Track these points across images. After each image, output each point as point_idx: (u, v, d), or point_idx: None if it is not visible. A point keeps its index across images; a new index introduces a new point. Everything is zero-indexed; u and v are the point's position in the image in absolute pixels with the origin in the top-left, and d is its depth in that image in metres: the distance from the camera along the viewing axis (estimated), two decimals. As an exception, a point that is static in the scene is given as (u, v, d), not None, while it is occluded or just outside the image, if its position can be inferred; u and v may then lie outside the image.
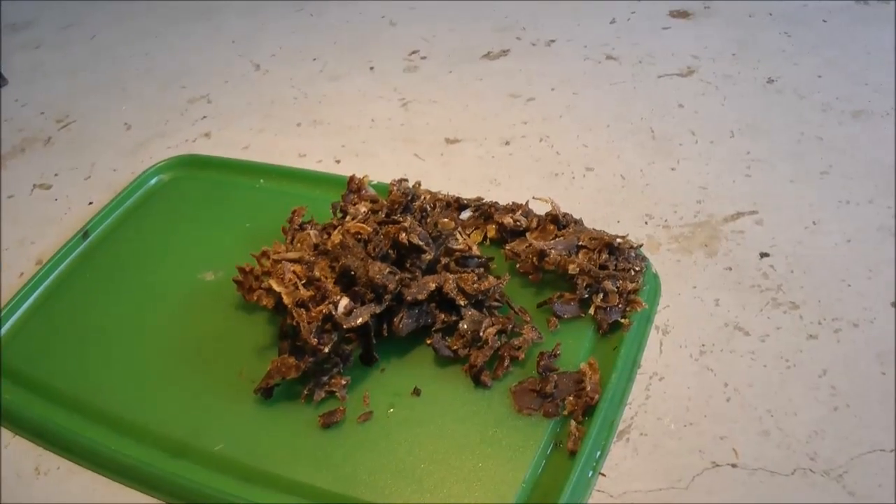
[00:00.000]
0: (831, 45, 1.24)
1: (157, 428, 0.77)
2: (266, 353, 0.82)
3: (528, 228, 0.89)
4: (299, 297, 0.76)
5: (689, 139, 1.08)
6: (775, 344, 0.80)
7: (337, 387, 0.77)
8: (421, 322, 0.80)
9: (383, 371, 0.80)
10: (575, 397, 0.74)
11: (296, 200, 0.94)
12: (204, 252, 0.96)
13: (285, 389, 0.79)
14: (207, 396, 0.79)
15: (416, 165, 1.08)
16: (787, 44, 1.25)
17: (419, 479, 0.70)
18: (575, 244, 0.86)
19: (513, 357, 0.78)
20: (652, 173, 1.02)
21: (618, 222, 0.95)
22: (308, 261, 0.79)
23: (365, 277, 0.76)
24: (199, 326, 0.87)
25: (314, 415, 0.76)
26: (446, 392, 0.77)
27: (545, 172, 1.04)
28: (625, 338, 0.79)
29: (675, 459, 0.72)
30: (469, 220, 0.93)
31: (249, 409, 0.78)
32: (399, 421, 0.75)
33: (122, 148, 1.20)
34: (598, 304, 0.82)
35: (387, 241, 0.79)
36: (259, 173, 1.07)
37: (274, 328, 0.85)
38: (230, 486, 0.72)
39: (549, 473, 0.70)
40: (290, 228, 0.89)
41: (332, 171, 1.07)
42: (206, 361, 0.83)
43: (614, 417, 0.74)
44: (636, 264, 0.85)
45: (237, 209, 1.02)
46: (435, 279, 0.79)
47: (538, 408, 0.74)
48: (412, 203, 0.85)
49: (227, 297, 0.89)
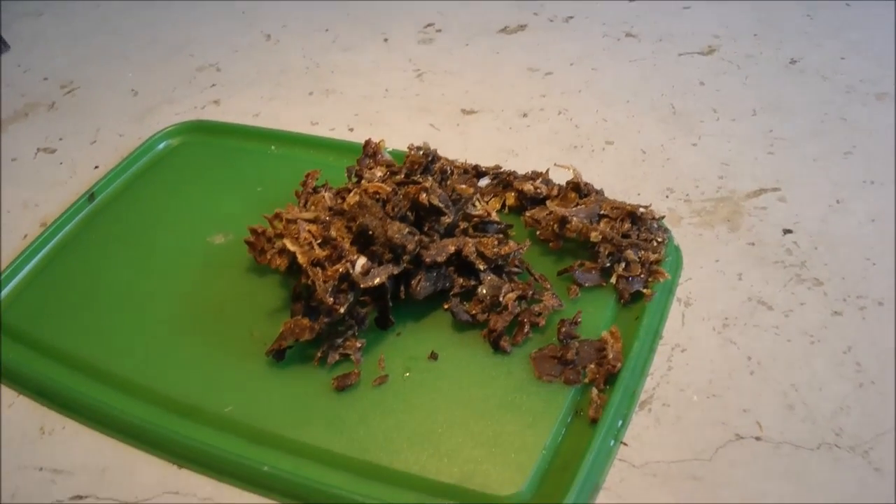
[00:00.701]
0: (854, 28, 1.23)
1: (165, 389, 0.76)
2: (278, 316, 0.81)
3: (548, 196, 0.89)
4: (315, 256, 0.75)
5: (711, 116, 1.07)
6: (799, 319, 0.79)
7: (351, 349, 0.76)
8: (439, 286, 0.79)
9: (399, 335, 0.79)
10: (596, 365, 0.73)
11: (308, 166, 0.92)
12: (213, 215, 0.95)
13: (298, 352, 0.77)
14: (217, 358, 0.78)
15: (431, 135, 1.07)
16: (810, 25, 1.25)
17: (436, 444, 0.69)
18: (597, 213, 0.85)
19: (533, 323, 0.77)
20: (673, 148, 1.02)
21: (638, 195, 0.94)
22: (324, 220, 0.78)
23: (383, 237, 0.75)
24: (209, 288, 0.86)
25: (328, 378, 0.75)
26: (464, 357, 0.76)
27: (564, 145, 1.03)
28: (647, 308, 0.79)
29: (698, 431, 0.71)
30: (487, 188, 0.92)
31: (260, 372, 0.76)
32: (415, 385, 0.74)
33: (129, 114, 1.19)
34: (620, 273, 0.81)
35: (406, 202, 0.78)
36: (270, 139, 1.06)
37: (286, 291, 0.84)
38: (239, 447, 0.71)
39: (569, 441, 0.69)
40: (304, 192, 0.88)
41: (345, 139, 1.06)
42: (216, 323, 0.82)
43: (636, 387, 0.74)
44: (658, 235, 0.84)
45: (248, 174, 1.01)
46: (454, 242, 0.78)
47: (559, 375, 0.73)
48: (432, 164, 0.84)
49: (237, 259, 0.88)
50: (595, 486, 0.67)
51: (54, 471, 0.73)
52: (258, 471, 0.69)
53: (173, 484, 0.71)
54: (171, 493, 0.70)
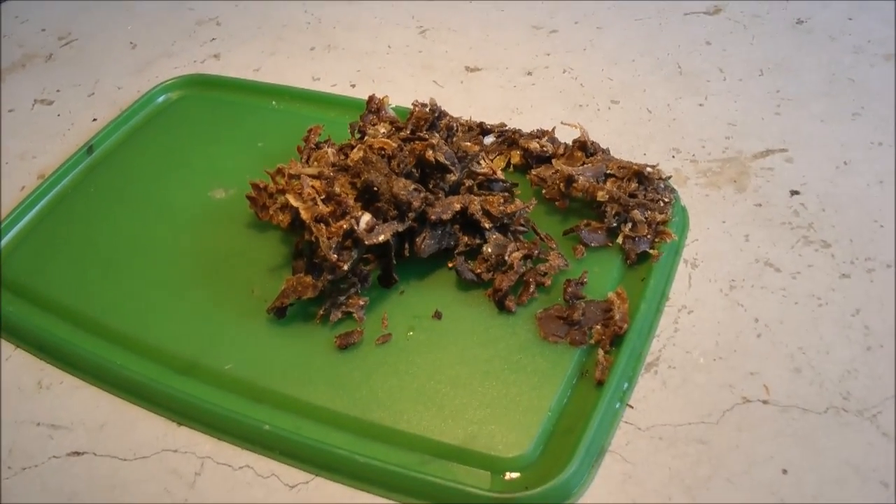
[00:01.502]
0: (863, -12, 1.20)
1: (164, 344, 0.74)
2: (279, 273, 0.79)
3: (554, 155, 0.86)
4: (318, 212, 0.72)
5: (717, 76, 1.04)
6: (807, 282, 0.77)
7: (354, 307, 0.74)
8: (443, 244, 0.77)
9: (402, 293, 0.77)
10: (603, 326, 0.72)
11: (310, 122, 0.90)
12: (214, 170, 0.92)
13: (299, 309, 0.75)
14: (217, 314, 0.76)
15: (435, 92, 1.04)
16: (817, -15, 1.22)
17: (440, 404, 0.67)
18: (603, 172, 0.83)
19: (538, 283, 0.75)
20: (679, 108, 0.99)
21: (644, 154, 0.92)
22: (328, 176, 0.76)
23: (388, 193, 0.73)
24: (209, 244, 0.83)
25: (330, 336, 0.73)
26: (469, 316, 0.74)
27: (569, 103, 1.01)
28: (653, 269, 0.77)
29: (704, 394, 0.69)
30: (492, 146, 0.89)
31: (261, 329, 0.75)
32: (419, 344, 0.72)
33: (127, 66, 1.16)
34: (626, 233, 0.79)
35: (412, 159, 0.76)
36: (271, 94, 1.03)
37: (287, 248, 0.81)
38: (239, 405, 0.69)
39: (575, 402, 0.67)
40: (306, 147, 0.86)
41: (347, 94, 1.04)
42: (216, 279, 0.80)
43: (642, 349, 0.72)
44: (665, 195, 0.82)
45: (248, 129, 0.98)
46: (460, 199, 0.76)
47: (564, 335, 0.72)
48: (438, 121, 0.81)
49: (238, 215, 0.86)
50: (600, 448, 0.65)
51: (52, 426, 0.71)
52: (258, 430, 0.67)
53: (172, 441, 0.69)
54: (170, 450, 0.68)
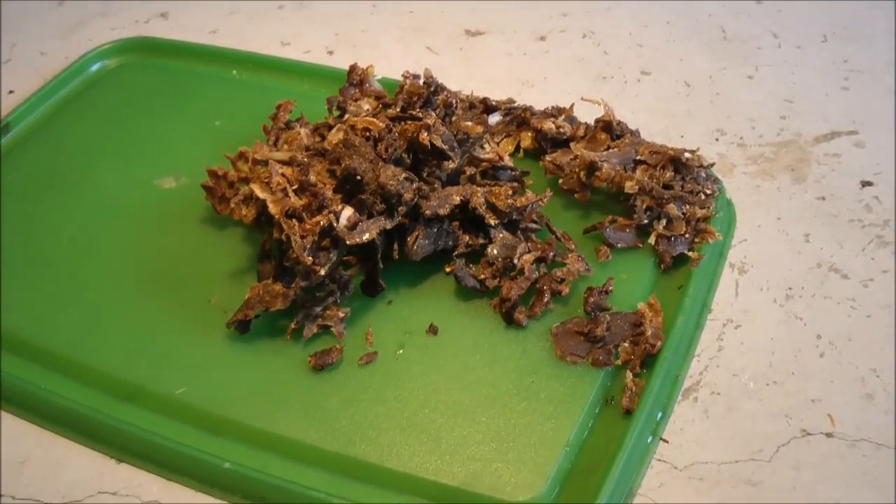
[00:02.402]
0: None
1: (101, 365, 0.75)
2: (241, 279, 0.80)
3: (573, 137, 0.87)
4: (290, 205, 0.73)
5: (771, 42, 1.05)
6: (881, 290, 0.78)
7: (332, 320, 0.75)
8: (440, 244, 0.77)
9: (391, 303, 0.78)
10: (631, 344, 0.73)
11: (279, 96, 0.91)
12: (162, 154, 0.93)
13: (266, 323, 0.76)
14: (167, 329, 0.77)
15: (429, 60, 1.05)
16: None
17: (436, 437, 0.68)
18: (632, 158, 0.84)
19: (554, 292, 0.76)
20: (724, 81, 1.00)
21: (681, 137, 0.93)
22: (301, 162, 0.76)
23: (374, 184, 0.73)
24: (157, 244, 0.84)
25: (303, 354, 0.74)
26: (470, 331, 0.75)
27: (590, 75, 1.02)
28: (692, 275, 0.78)
29: (754, 425, 0.70)
30: (498, 127, 0.90)
31: (220, 346, 0.75)
32: (410, 365, 0.73)
33: (53, 27, 1.17)
34: (660, 231, 0.80)
35: (402, 142, 0.76)
36: (231, 62, 1.05)
37: (251, 248, 0.83)
38: (193, 437, 0.69)
39: (598, 435, 0.68)
40: (275, 127, 0.87)
41: (323, 63, 1.05)
42: (166, 287, 0.81)
43: (679, 371, 0.73)
44: (707, 187, 0.83)
45: (204, 104, 0.99)
46: (460, 191, 0.77)
47: (585, 355, 0.72)
48: (434, 97, 0.82)
49: (191, 208, 0.86)
50: (628, 491, 0.66)
51: (-40, 463, 0.71)
52: (217, 467, 0.67)
53: (111, 482, 0.69)
54: (107, 493, 0.69)
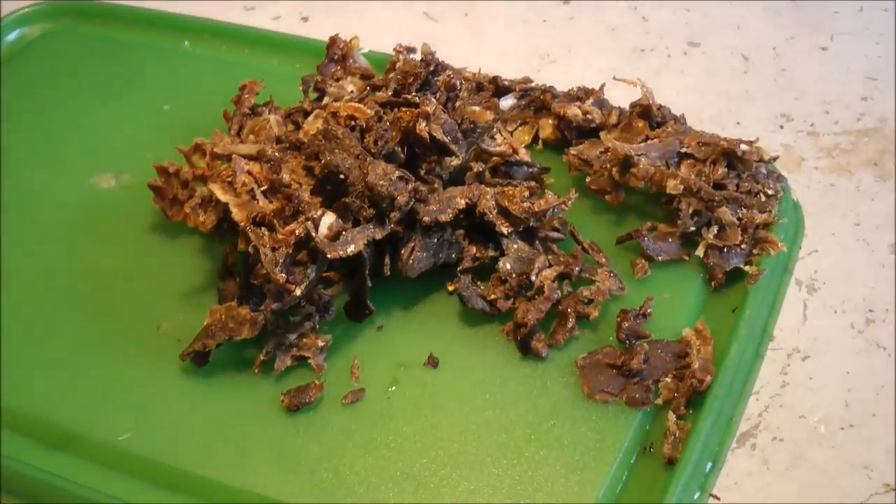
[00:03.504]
0: None
1: (28, 407, 0.76)
2: (198, 300, 0.82)
3: (603, 125, 0.89)
4: (258, 210, 0.74)
5: (850, 6, 1.07)
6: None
7: (310, 350, 0.76)
8: (441, 257, 0.79)
9: (381, 330, 0.79)
10: (675, 379, 0.74)
11: (242, 73, 0.92)
12: (98, 145, 0.95)
13: (229, 354, 0.78)
14: (106, 363, 0.78)
15: (425, 30, 1.07)
16: None
17: (436, 493, 0.69)
18: (676, 150, 0.85)
19: (580, 315, 0.77)
20: (791, 54, 1.02)
21: (737, 124, 0.95)
22: (272, 157, 0.78)
23: (361, 184, 0.74)
24: (92, 258, 0.86)
25: (274, 392, 0.75)
26: (477, 364, 0.76)
27: (625, 47, 1.03)
28: (750, 294, 0.79)
29: (827, 478, 0.71)
30: (512, 112, 0.92)
31: (172, 382, 0.77)
32: (405, 405, 0.74)
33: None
34: (710, 241, 0.81)
35: (395, 133, 0.78)
36: (183, 31, 1.06)
37: (211, 261, 0.84)
38: (138, 492, 0.70)
39: (634, 491, 0.70)
40: (238, 113, 0.88)
41: (296, 33, 1.05)
42: (105, 311, 0.82)
43: (733, 412, 0.73)
44: (769, 186, 0.84)
45: (149, 84, 1.01)
46: (465, 192, 0.78)
47: (618, 392, 0.74)
48: (434, 77, 0.83)
49: (136, 213, 0.88)
50: (672, 557, 0.67)
51: None
52: (170, 530, 0.69)
53: (41, 545, 0.71)
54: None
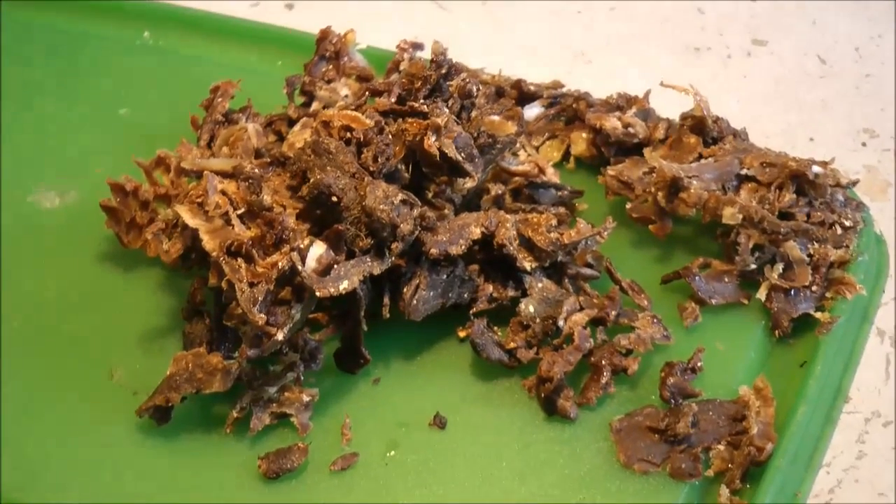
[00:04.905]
0: None
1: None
2: (160, 344, 0.84)
3: (647, 141, 0.91)
4: (233, 238, 0.76)
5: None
6: None
7: (293, 406, 0.79)
8: (451, 297, 0.81)
9: (378, 382, 0.82)
10: (729, 446, 0.76)
11: (214, 72, 0.96)
12: (40, 156, 0.98)
13: (196, 409, 0.80)
14: (51, 417, 0.81)
15: (436, 21, 1.09)
16: None
17: (444, 579, 0.73)
18: (735, 172, 0.87)
19: (617, 368, 0.80)
20: (878, 55, 1.04)
21: (810, 140, 0.97)
22: (251, 174, 0.80)
23: (357, 208, 0.76)
24: (34, 291, 0.89)
25: (250, 456, 0.78)
26: (493, 425, 0.79)
27: (677, 46, 1.06)
28: (821, 346, 0.81)
29: (911, 567, 0.74)
30: (539, 124, 0.95)
31: (128, 443, 0.79)
32: (406, 473, 0.77)
33: None
34: (774, 281, 0.83)
35: (399, 148, 0.80)
36: (143, 20, 1.09)
37: (175, 299, 0.87)
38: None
39: (679, 580, 0.72)
40: (209, 120, 0.90)
41: (280, 24, 1.08)
42: (50, 355, 0.85)
43: (799, 487, 0.76)
44: (846, 216, 0.87)
45: (103, 83, 1.04)
46: (481, 220, 0.80)
47: (661, 461, 0.76)
48: (446, 81, 0.85)
49: (85, 238, 0.91)
50: None
51: None
52: None
53: None
54: None
